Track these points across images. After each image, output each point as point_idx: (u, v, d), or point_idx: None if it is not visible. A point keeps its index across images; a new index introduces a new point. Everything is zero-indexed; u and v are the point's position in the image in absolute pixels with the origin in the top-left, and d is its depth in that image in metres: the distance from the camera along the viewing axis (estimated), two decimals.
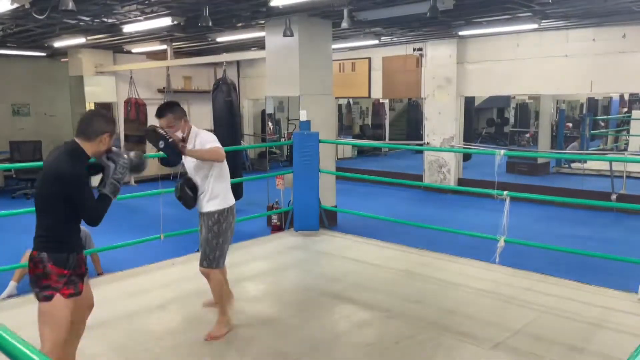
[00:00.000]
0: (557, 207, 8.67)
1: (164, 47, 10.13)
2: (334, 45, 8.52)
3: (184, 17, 6.86)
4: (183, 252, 5.81)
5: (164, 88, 11.91)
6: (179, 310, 4.36)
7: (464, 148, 10.62)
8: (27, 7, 5.59)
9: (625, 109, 13.38)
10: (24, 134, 11.62)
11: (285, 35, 6.80)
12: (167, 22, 6.93)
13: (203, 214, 3.79)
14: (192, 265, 5.22)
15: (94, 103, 11.33)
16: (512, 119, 13.81)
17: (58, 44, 9.59)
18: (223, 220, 3.73)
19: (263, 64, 8.08)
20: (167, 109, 3.63)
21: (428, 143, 10.77)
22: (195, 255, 5.60)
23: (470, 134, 12.27)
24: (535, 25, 7.75)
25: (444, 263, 5.46)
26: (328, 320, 4.16)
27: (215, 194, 3.72)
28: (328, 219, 6.99)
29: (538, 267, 5.24)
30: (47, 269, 2.67)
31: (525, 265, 5.25)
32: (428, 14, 5.68)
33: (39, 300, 2.71)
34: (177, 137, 3.58)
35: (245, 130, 13.97)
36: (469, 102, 11.63)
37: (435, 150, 10.55)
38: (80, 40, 9.09)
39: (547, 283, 4.82)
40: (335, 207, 7.69)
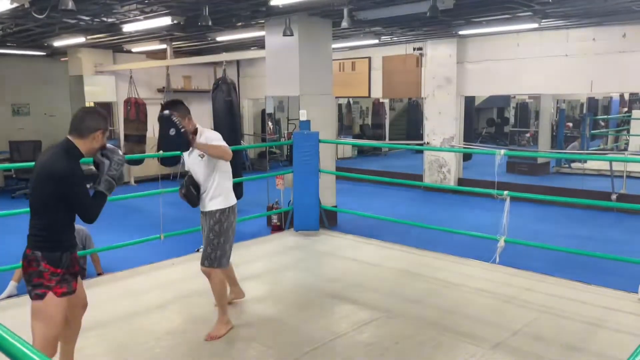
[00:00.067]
0: (557, 207, 8.67)
1: (164, 46, 10.13)
2: (334, 45, 8.52)
3: (184, 16, 6.86)
4: (183, 252, 5.81)
5: (164, 87, 11.92)
6: (179, 310, 4.36)
7: (464, 148, 10.62)
8: (26, 6, 5.58)
9: (626, 109, 13.37)
10: (24, 134, 11.62)
11: (285, 35, 6.80)
12: (166, 21, 6.94)
13: (205, 213, 3.81)
14: (192, 265, 5.22)
15: (94, 102, 11.33)
16: (512, 119, 13.79)
17: (58, 44, 9.58)
18: (224, 220, 3.74)
19: (263, 64, 8.07)
20: (171, 107, 3.65)
21: (428, 143, 10.77)
22: (195, 255, 5.62)
23: (471, 134, 12.26)
24: (535, 25, 7.75)
25: (444, 263, 5.46)
26: (328, 320, 4.16)
27: (218, 193, 3.74)
28: (328, 219, 6.99)
29: (538, 267, 5.24)
30: (40, 268, 2.67)
31: (525, 265, 5.25)
32: (428, 14, 5.69)
33: (32, 299, 2.72)
34: (192, 125, 3.64)
35: (245, 130, 13.97)
36: (469, 101, 11.62)
37: (435, 150, 10.55)
38: (80, 40, 9.09)
39: (547, 283, 4.81)
40: (335, 207, 7.69)
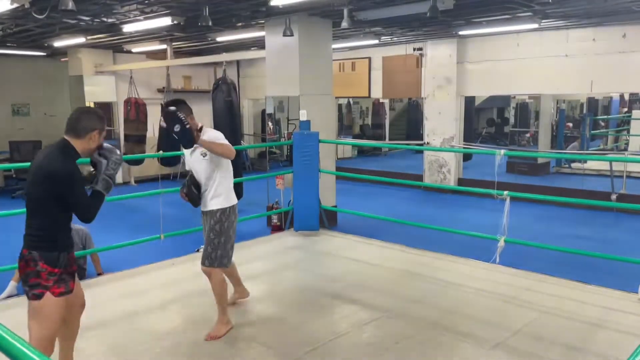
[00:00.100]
0: (557, 207, 8.67)
1: (164, 46, 10.13)
2: (334, 45, 8.52)
3: (184, 16, 6.87)
4: (183, 252, 5.81)
5: (164, 88, 11.92)
6: (179, 310, 4.36)
7: (464, 148, 10.62)
8: (26, 6, 5.59)
9: (626, 109, 13.38)
10: (24, 134, 11.62)
11: (285, 35, 6.80)
12: (167, 21, 6.94)
13: (206, 213, 3.81)
14: (192, 265, 5.22)
15: (94, 103, 11.34)
16: (512, 119, 13.81)
17: (58, 44, 9.59)
18: (225, 219, 3.74)
19: (263, 64, 8.07)
20: (174, 106, 3.64)
21: (428, 143, 10.77)
22: (195, 255, 5.62)
23: (471, 134, 12.27)
24: (535, 25, 7.75)
25: (444, 263, 5.45)
26: (328, 320, 4.15)
27: (219, 193, 3.75)
28: (328, 219, 6.99)
29: (538, 267, 5.24)
30: (38, 267, 2.67)
31: (525, 265, 5.25)
32: (428, 14, 5.69)
33: (29, 299, 2.72)
34: (194, 125, 3.62)
35: (245, 130, 13.97)
36: (469, 102, 11.62)
37: (435, 150, 10.55)
38: (80, 40, 9.09)
39: (547, 283, 4.81)
40: (335, 207, 7.69)
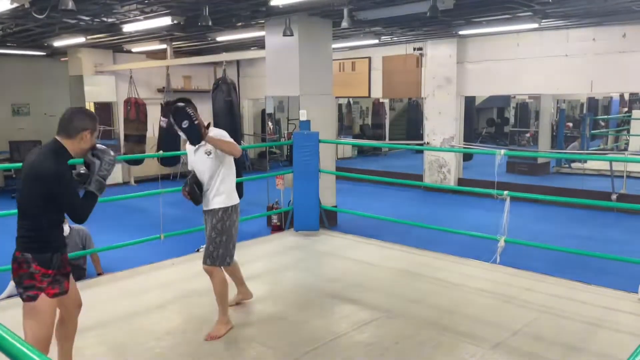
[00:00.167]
0: (557, 207, 8.67)
1: (164, 46, 10.13)
2: (334, 45, 8.52)
3: (184, 16, 6.87)
4: (183, 252, 5.81)
5: (164, 88, 11.89)
6: (179, 310, 4.36)
7: (464, 148, 10.62)
8: (26, 6, 5.59)
9: (626, 109, 13.37)
10: (24, 134, 11.62)
11: (285, 35, 6.80)
12: (166, 21, 6.94)
13: (207, 212, 3.82)
14: (192, 265, 5.23)
15: (94, 102, 11.34)
16: (512, 119, 13.80)
17: (58, 44, 9.59)
18: (227, 218, 3.75)
19: (263, 64, 8.07)
20: (180, 104, 3.68)
21: (428, 143, 10.77)
22: (195, 255, 5.63)
23: (471, 134, 12.27)
24: (536, 25, 7.75)
25: (444, 263, 5.45)
26: (328, 320, 4.15)
27: (221, 192, 3.76)
28: (328, 219, 6.99)
29: (538, 267, 5.24)
30: (31, 269, 2.66)
31: (525, 265, 5.25)
32: (428, 14, 5.69)
33: (23, 300, 2.71)
34: (202, 121, 3.62)
35: (245, 130, 13.97)
36: (469, 101, 11.63)
37: (435, 150, 10.55)
38: (80, 40, 9.09)
39: (547, 283, 4.81)
40: (335, 207, 7.69)
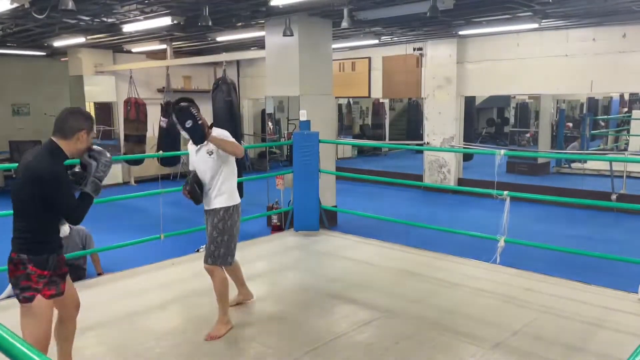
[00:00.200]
0: (557, 207, 8.67)
1: (164, 46, 10.13)
2: (334, 45, 8.52)
3: (184, 16, 6.87)
4: (183, 252, 5.81)
5: (164, 88, 11.89)
6: (179, 310, 4.36)
7: (464, 148, 10.62)
8: (26, 6, 5.59)
9: (626, 109, 13.37)
10: (24, 134, 11.62)
11: (285, 35, 6.80)
12: (166, 21, 6.94)
13: (209, 211, 3.83)
14: (192, 265, 5.23)
15: (94, 102, 11.34)
16: (512, 119, 13.81)
17: (58, 44, 9.58)
18: (228, 218, 3.76)
19: (263, 64, 8.07)
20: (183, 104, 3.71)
21: (428, 143, 10.77)
22: (195, 255, 5.64)
23: (471, 134, 12.28)
24: (536, 25, 7.75)
25: (444, 263, 5.45)
26: (328, 320, 4.15)
27: (222, 192, 3.78)
28: (328, 219, 6.99)
29: (538, 267, 5.23)
30: (27, 270, 2.65)
31: (525, 265, 5.24)
32: (428, 14, 5.69)
33: (20, 302, 2.70)
34: (205, 121, 3.64)
35: (245, 130, 13.96)
36: (469, 101, 11.63)
37: (435, 150, 10.55)
38: (80, 40, 9.09)
39: (547, 283, 4.81)
40: (335, 207, 7.69)
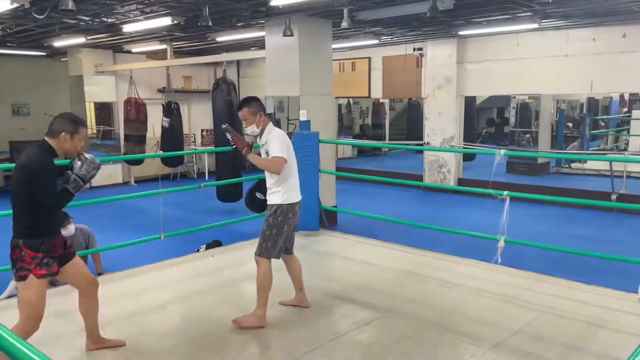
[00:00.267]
0: (557, 207, 8.67)
1: (164, 46, 10.14)
2: (334, 45, 8.52)
3: (184, 16, 6.87)
4: (183, 252, 5.81)
5: (164, 88, 11.91)
6: (179, 310, 4.36)
7: (464, 148, 10.62)
8: (27, 6, 5.59)
9: (626, 109, 13.37)
10: (24, 134, 11.60)
11: (285, 35, 6.80)
12: (167, 21, 6.94)
13: (267, 206, 3.99)
14: (192, 265, 5.23)
15: (94, 102, 11.34)
16: (512, 119, 13.79)
17: (58, 44, 9.59)
18: (279, 214, 3.89)
19: (263, 64, 8.07)
20: (244, 103, 3.87)
21: (428, 143, 10.77)
22: (195, 255, 5.65)
23: (471, 134, 12.28)
24: (535, 25, 7.75)
25: (444, 263, 5.45)
26: (328, 320, 4.15)
27: (276, 190, 3.92)
28: (328, 219, 6.98)
29: (538, 267, 5.23)
30: (22, 253, 2.96)
31: (525, 265, 5.24)
32: (428, 14, 5.69)
33: (15, 280, 3.03)
34: (242, 142, 3.85)
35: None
36: (469, 101, 11.63)
37: (435, 150, 10.55)
38: (80, 40, 9.09)
39: (547, 283, 4.80)
40: (335, 207, 7.69)
